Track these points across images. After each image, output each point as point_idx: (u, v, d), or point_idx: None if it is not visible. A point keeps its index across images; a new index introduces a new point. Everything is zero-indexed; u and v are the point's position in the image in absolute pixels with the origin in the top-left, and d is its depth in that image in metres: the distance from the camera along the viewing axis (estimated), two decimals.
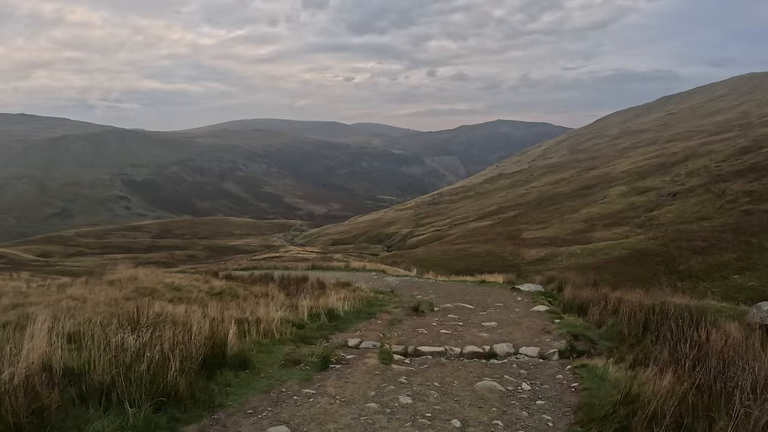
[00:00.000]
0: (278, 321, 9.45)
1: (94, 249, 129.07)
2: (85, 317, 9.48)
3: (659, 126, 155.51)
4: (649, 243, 54.44)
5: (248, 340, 7.92)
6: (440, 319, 12.38)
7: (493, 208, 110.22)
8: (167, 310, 11.05)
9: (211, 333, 6.95)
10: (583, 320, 11.84)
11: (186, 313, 10.60)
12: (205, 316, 9.53)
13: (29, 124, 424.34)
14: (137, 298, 14.33)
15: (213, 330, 7.05)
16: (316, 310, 11.44)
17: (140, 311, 9.32)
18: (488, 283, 21.22)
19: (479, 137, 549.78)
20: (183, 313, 10.71)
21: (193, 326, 7.10)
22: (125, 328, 6.90)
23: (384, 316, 12.53)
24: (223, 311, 11.03)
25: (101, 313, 10.42)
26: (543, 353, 9.01)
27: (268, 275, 24.05)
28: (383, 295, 16.74)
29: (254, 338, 8.24)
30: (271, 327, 8.99)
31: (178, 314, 10.65)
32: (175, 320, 9.04)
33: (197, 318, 8.53)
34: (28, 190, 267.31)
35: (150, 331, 6.66)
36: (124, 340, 6.00)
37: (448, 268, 52.46)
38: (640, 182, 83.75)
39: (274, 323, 9.18)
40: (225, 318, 9.61)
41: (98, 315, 10.02)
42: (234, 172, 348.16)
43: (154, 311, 10.84)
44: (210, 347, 6.60)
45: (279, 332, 9.02)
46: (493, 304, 15.11)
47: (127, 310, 9.88)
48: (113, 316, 9.57)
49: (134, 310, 9.16)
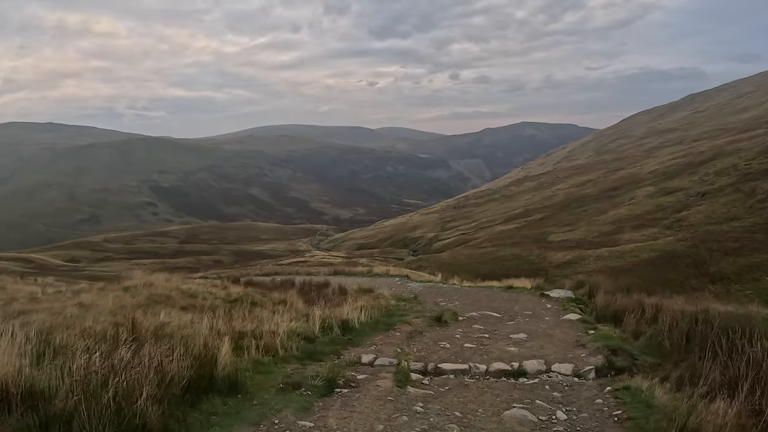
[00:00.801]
0: (284, 334, 8.62)
1: (122, 254, 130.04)
2: (83, 328, 8.82)
3: (685, 125, 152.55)
4: (679, 245, 53.34)
5: (246, 359, 7.08)
6: (464, 331, 11.47)
7: (519, 211, 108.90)
8: (172, 320, 10.46)
9: (203, 350, 6.13)
10: (619, 331, 10.86)
11: (191, 324, 9.94)
12: (211, 328, 8.86)
13: (57, 133, 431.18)
14: (149, 306, 13.83)
15: (206, 346, 6.21)
16: (329, 321, 10.53)
17: (137, 323, 8.68)
18: (516, 289, 20.12)
19: (503, 140, 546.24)
20: (188, 324, 10.06)
21: (195, 340, 6.44)
22: (110, 344, 6.25)
23: (404, 328, 11.60)
24: (231, 321, 10.30)
25: (103, 322, 9.80)
26: (578, 371, 8.13)
27: (290, 281, 23.54)
28: (405, 303, 15.80)
29: (253, 356, 7.39)
30: (275, 342, 8.13)
31: (182, 324, 10.03)
32: (173, 333, 8.35)
33: (202, 329, 7.87)
34: (57, 196, 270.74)
35: (133, 348, 5.87)
36: (91, 360, 5.18)
37: (473, 273, 51.66)
38: (667, 182, 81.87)
39: (279, 338, 8.33)
40: (230, 330, 8.89)
41: (99, 324, 9.40)
42: (260, 178, 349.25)
43: (159, 321, 10.21)
44: (197, 368, 5.76)
45: (284, 348, 8.16)
46: (521, 312, 14.18)
47: (129, 320, 9.28)
48: (113, 326, 8.94)
49: (131, 322, 8.53)
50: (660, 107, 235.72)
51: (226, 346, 6.15)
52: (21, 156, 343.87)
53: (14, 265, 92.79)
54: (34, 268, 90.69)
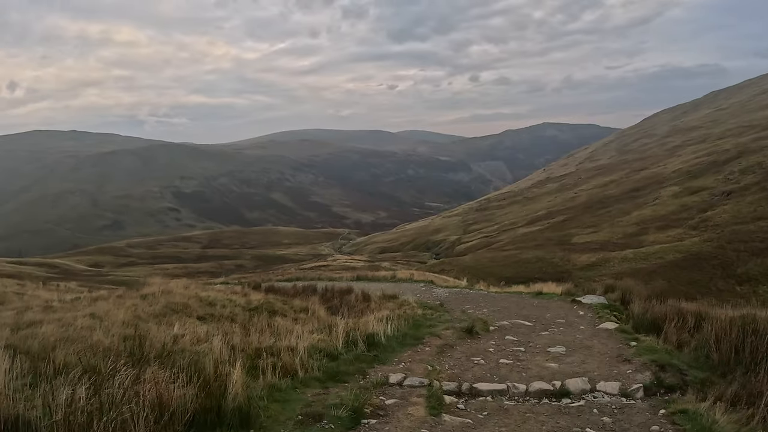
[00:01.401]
0: (305, 351, 7.88)
1: (145, 259, 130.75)
2: (90, 343, 8.28)
3: (709, 123, 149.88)
4: (705, 245, 52.88)
5: (261, 384, 6.33)
6: (497, 343, 10.72)
7: (541, 213, 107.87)
8: (187, 333, 9.89)
9: (212, 374, 5.44)
10: (662, 342, 10.03)
11: (206, 337, 9.36)
12: (225, 343, 8.26)
13: (80, 141, 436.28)
14: (165, 315, 13.33)
15: (216, 370, 5.53)
16: (353, 334, 9.71)
17: (145, 339, 8.06)
18: (545, 295, 19.26)
19: (525, 141, 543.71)
20: (203, 337, 9.50)
21: (205, 362, 5.81)
22: (110, 367, 5.61)
23: (433, 341, 10.72)
24: (248, 335, 9.68)
25: (113, 335, 9.19)
26: (625, 390, 7.41)
27: (311, 287, 22.83)
28: (432, 311, 15.03)
29: (269, 380, 6.63)
30: (294, 362, 7.42)
31: (197, 337, 9.49)
32: (184, 348, 7.73)
33: (214, 347, 7.27)
34: (81, 203, 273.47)
35: (132, 376, 5.22)
36: (76, 395, 4.51)
37: (497, 276, 51.13)
38: (692, 182, 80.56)
39: (298, 356, 7.60)
40: (246, 345, 8.28)
41: (109, 337, 8.85)
42: (281, 183, 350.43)
43: (172, 333, 9.60)
44: (204, 397, 5.05)
45: (304, 368, 7.43)
46: (553, 320, 13.43)
47: (137, 336, 8.68)
48: (123, 341, 8.41)
49: (138, 339, 7.90)
50: (682, 105, 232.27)
51: (238, 371, 5.41)
52: (45, 163, 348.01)
53: (39, 270, 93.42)
54: (58, 273, 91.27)
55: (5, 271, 63.26)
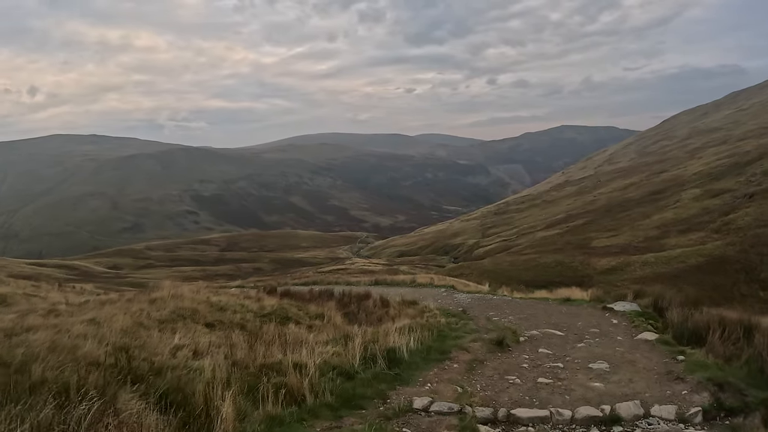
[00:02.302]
0: (316, 369, 6.90)
1: (163, 262, 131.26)
2: (77, 354, 7.26)
3: (729, 124, 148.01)
4: (727, 249, 51.93)
5: (258, 416, 5.25)
6: (531, 357, 9.73)
7: (560, 217, 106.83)
8: (189, 342, 9.03)
9: (201, 403, 4.48)
10: (710, 355, 9.04)
11: (209, 349, 8.48)
12: (228, 357, 7.41)
13: (100, 144, 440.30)
14: (172, 321, 12.51)
15: (205, 399, 4.57)
16: (372, 348, 8.63)
17: (135, 352, 7.16)
18: (573, 301, 18.13)
19: (543, 144, 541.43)
20: (206, 348, 8.64)
21: (195, 386, 4.91)
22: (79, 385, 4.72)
23: (460, 356, 9.61)
24: (254, 345, 8.73)
25: (107, 345, 8.26)
26: (682, 414, 6.51)
27: (328, 291, 21.88)
28: (455, 319, 14.00)
29: (269, 410, 5.53)
30: (302, 385, 6.37)
31: (199, 348, 8.62)
32: (179, 364, 6.80)
33: (207, 366, 6.31)
34: (101, 206, 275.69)
35: (99, 406, 4.28)
36: None
37: (516, 280, 50.41)
38: (713, 184, 79.46)
39: (308, 377, 6.56)
40: (251, 360, 7.41)
41: (102, 348, 7.79)
42: (300, 186, 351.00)
43: (173, 344, 8.76)
44: None
45: (314, 391, 6.40)
46: (586, 329, 12.48)
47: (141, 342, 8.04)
48: (114, 353, 7.44)
49: (125, 353, 6.99)
50: (702, 106, 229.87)
51: (229, 403, 4.42)
52: (66, 167, 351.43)
53: (58, 272, 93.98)
54: (77, 275, 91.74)
55: (24, 272, 63.10)
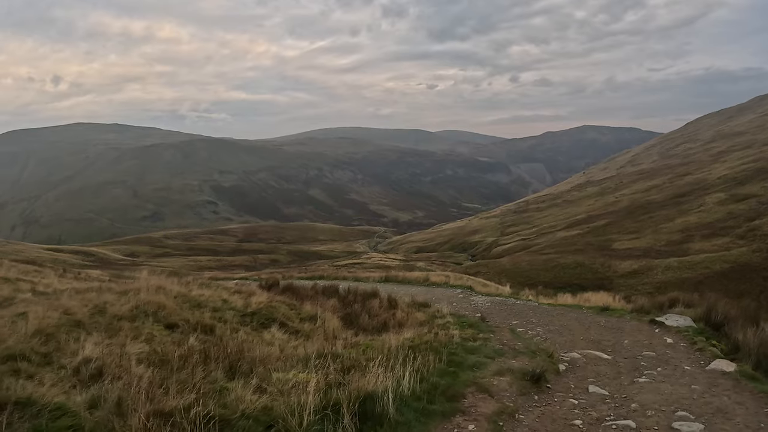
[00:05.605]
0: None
1: (181, 251, 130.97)
2: None
3: (755, 128, 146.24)
4: (753, 256, 51.02)
5: None
6: (581, 402, 6.95)
7: (581, 217, 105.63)
8: (96, 357, 6.67)
9: None
10: None
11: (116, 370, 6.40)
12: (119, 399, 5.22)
13: (122, 133, 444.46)
14: (125, 319, 10.01)
15: None
16: (337, 394, 5.39)
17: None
18: (612, 311, 15.33)
19: (565, 144, 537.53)
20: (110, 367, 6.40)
21: None
22: None
23: (480, 404, 6.34)
24: (189, 361, 6.63)
25: None
26: None
27: (333, 288, 19.96)
28: (472, 330, 11.24)
29: None
30: None
31: (117, 369, 6.43)
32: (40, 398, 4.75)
33: None
34: (122, 194, 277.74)
35: None
36: None
37: (534, 280, 50.31)
38: (738, 189, 78.09)
39: None
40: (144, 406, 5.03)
41: None
42: (320, 179, 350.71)
43: (83, 356, 6.46)
44: None
45: None
46: (638, 352, 9.89)
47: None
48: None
49: None
50: (727, 109, 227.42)
51: None
52: (88, 155, 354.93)
53: (75, 257, 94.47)
54: (93, 261, 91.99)
55: (30, 257, 61.95)
